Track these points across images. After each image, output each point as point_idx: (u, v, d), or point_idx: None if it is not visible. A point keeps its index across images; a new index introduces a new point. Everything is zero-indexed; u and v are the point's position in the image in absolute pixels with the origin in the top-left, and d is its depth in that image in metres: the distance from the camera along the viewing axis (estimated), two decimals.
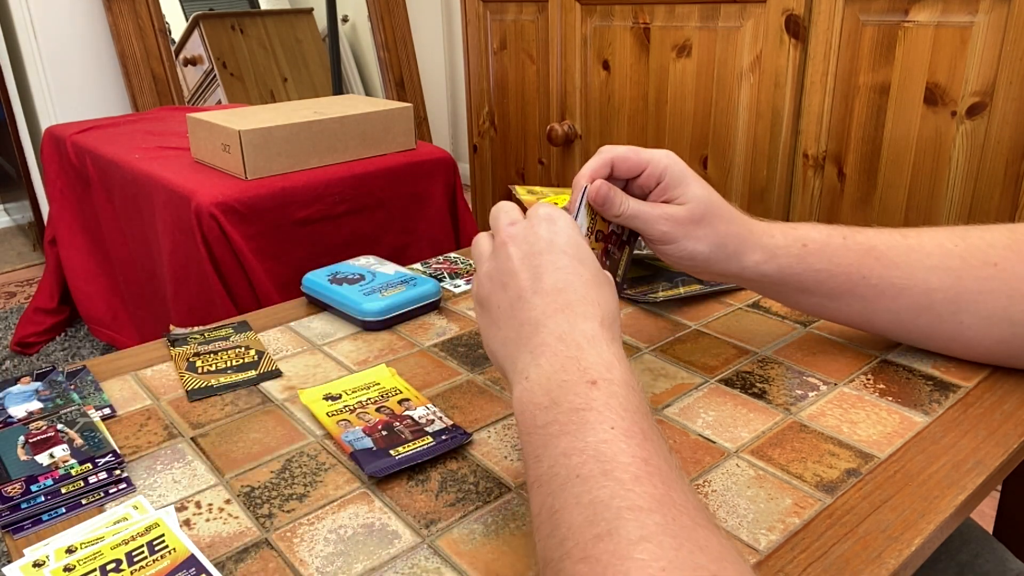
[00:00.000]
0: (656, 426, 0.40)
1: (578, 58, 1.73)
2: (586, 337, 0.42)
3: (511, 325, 0.45)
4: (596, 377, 0.40)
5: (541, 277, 0.45)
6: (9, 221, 3.29)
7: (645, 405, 0.41)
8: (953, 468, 0.49)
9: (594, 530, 0.34)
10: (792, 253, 0.58)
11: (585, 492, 0.36)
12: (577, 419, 0.39)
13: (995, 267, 0.55)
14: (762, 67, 1.42)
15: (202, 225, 1.41)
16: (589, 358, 0.41)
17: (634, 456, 0.37)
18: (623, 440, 0.37)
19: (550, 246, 0.46)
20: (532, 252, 0.46)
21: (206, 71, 2.97)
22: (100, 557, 0.44)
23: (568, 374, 0.41)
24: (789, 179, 1.44)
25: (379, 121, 1.64)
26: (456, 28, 3.38)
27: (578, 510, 0.35)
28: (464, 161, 2.50)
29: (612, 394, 0.39)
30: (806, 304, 0.61)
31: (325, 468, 0.53)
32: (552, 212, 0.47)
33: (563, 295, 0.44)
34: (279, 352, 0.69)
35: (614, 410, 0.39)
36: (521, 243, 0.46)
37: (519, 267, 0.46)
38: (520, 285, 0.45)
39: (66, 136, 1.96)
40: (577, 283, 0.44)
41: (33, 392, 0.62)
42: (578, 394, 0.40)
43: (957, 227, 0.59)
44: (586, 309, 0.43)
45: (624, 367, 0.42)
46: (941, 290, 0.56)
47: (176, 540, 0.45)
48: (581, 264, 0.45)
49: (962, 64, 1.18)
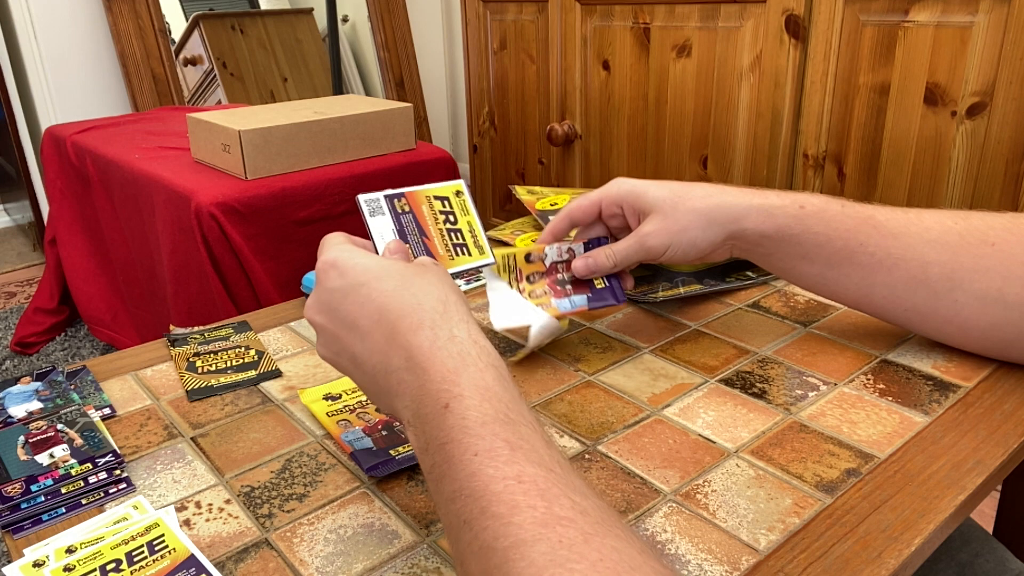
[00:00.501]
0: (524, 417, 0.38)
1: (578, 58, 1.73)
2: (423, 352, 0.40)
3: (370, 381, 0.43)
4: (447, 399, 0.38)
5: (356, 324, 0.43)
6: (9, 221, 3.29)
7: (505, 399, 0.38)
8: (953, 468, 0.49)
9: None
10: (790, 213, 0.59)
11: (474, 539, 0.34)
12: (444, 456, 0.37)
13: (992, 247, 0.55)
14: (762, 67, 1.42)
15: (202, 225, 1.41)
16: (434, 378, 0.39)
17: (505, 479, 0.35)
18: (489, 465, 0.35)
19: (345, 292, 0.44)
20: (333, 310, 0.44)
21: (206, 71, 2.97)
22: (100, 557, 0.44)
23: (424, 405, 0.39)
24: (789, 179, 1.44)
25: (379, 121, 1.64)
26: (456, 28, 3.38)
27: (474, 560, 0.34)
28: (464, 161, 2.50)
29: (464, 414, 0.37)
30: (807, 274, 0.61)
31: (325, 468, 0.53)
32: (327, 259, 0.45)
33: (383, 324, 0.42)
34: (279, 352, 0.69)
35: (471, 432, 0.37)
36: (322, 309, 0.45)
37: (335, 330, 0.44)
38: (347, 345, 0.44)
39: (66, 136, 1.96)
40: (388, 302, 0.42)
41: (33, 392, 0.62)
42: (438, 426, 0.38)
43: (960, 210, 0.59)
44: (410, 321, 0.41)
45: (472, 367, 0.39)
46: (937, 264, 0.56)
47: (176, 540, 0.45)
48: (380, 280, 0.43)
49: (962, 64, 1.18)
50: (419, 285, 0.43)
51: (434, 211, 0.55)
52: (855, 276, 0.59)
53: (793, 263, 0.61)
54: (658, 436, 0.54)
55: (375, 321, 0.42)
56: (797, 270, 0.61)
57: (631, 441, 0.54)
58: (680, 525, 0.46)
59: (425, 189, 0.55)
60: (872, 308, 0.62)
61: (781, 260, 0.61)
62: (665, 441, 0.54)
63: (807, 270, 0.61)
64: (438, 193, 0.56)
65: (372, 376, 0.43)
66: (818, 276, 0.61)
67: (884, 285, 0.59)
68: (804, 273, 0.61)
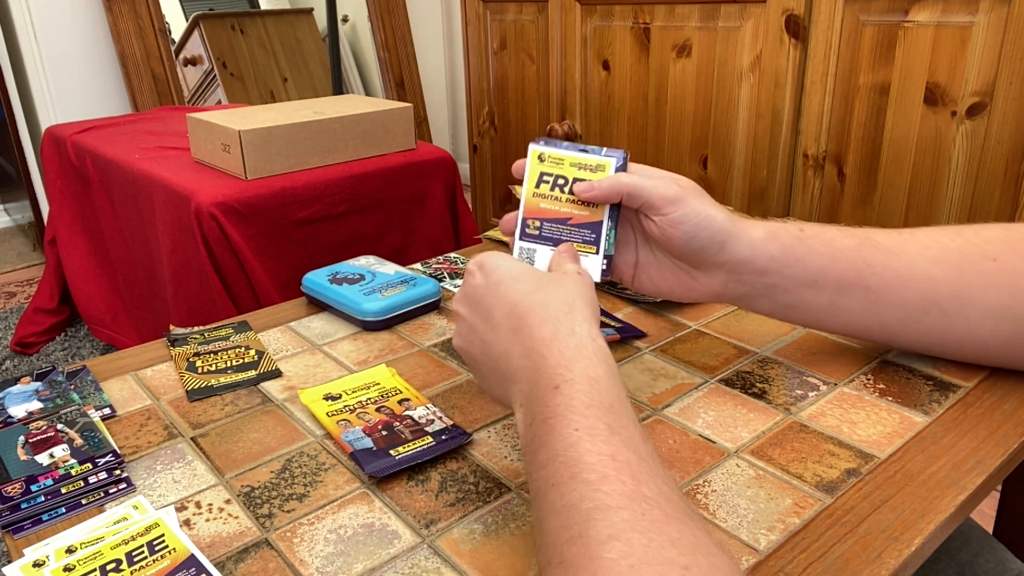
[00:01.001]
0: (627, 412, 0.41)
1: (578, 58, 1.73)
2: (544, 342, 0.44)
3: (492, 368, 0.48)
4: (558, 381, 0.42)
5: (491, 316, 0.48)
6: (9, 221, 3.29)
7: (613, 392, 0.42)
8: (953, 468, 0.49)
9: (567, 534, 0.35)
10: (791, 233, 0.57)
11: (559, 498, 0.37)
12: (546, 429, 0.40)
13: (994, 262, 0.55)
14: (762, 67, 1.42)
15: (202, 225, 1.41)
16: (550, 363, 0.43)
17: (600, 454, 0.38)
18: (588, 440, 0.38)
19: (486, 288, 0.49)
20: (475, 303, 0.50)
21: (206, 71, 2.97)
22: (100, 557, 0.44)
23: (537, 386, 0.43)
24: (789, 179, 1.44)
25: (379, 121, 1.64)
26: (456, 28, 3.38)
27: (554, 517, 0.36)
28: (464, 161, 2.50)
29: (573, 395, 0.41)
30: (815, 305, 0.58)
31: (325, 468, 0.53)
32: (477, 260, 0.51)
33: (512, 317, 0.46)
34: (279, 352, 0.69)
35: (576, 411, 0.40)
36: (465, 302, 0.51)
37: (473, 321, 0.50)
38: (480, 335, 0.49)
39: (66, 136, 1.96)
40: (520, 299, 0.47)
41: (33, 392, 0.62)
42: (545, 403, 0.41)
43: (950, 226, 0.58)
44: (536, 316, 0.45)
45: (586, 360, 0.43)
46: (944, 282, 0.55)
47: (176, 540, 0.45)
48: (516, 281, 0.48)
49: (962, 64, 1.18)
50: (550, 289, 0.47)
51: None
52: (865, 300, 0.57)
53: (801, 293, 0.57)
54: (658, 436, 0.54)
55: (507, 314, 0.47)
56: (805, 301, 0.57)
57: None
58: None
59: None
60: (885, 335, 0.59)
61: (787, 292, 0.57)
62: (665, 441, 0.54)
63: (815, 300, 0.57)
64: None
65: (495, 362, 0.47)
66: (827, 304, 0.57)
67: (896, 307, 0.57)
68: (812, 304, 0.57)
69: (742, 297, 0.58)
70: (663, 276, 0.58)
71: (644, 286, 0.58)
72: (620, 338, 0.68)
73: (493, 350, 0.48)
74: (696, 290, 0.57)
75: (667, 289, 0.58)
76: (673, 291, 0.58)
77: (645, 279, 0.58)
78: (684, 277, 0.57)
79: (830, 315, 0.58)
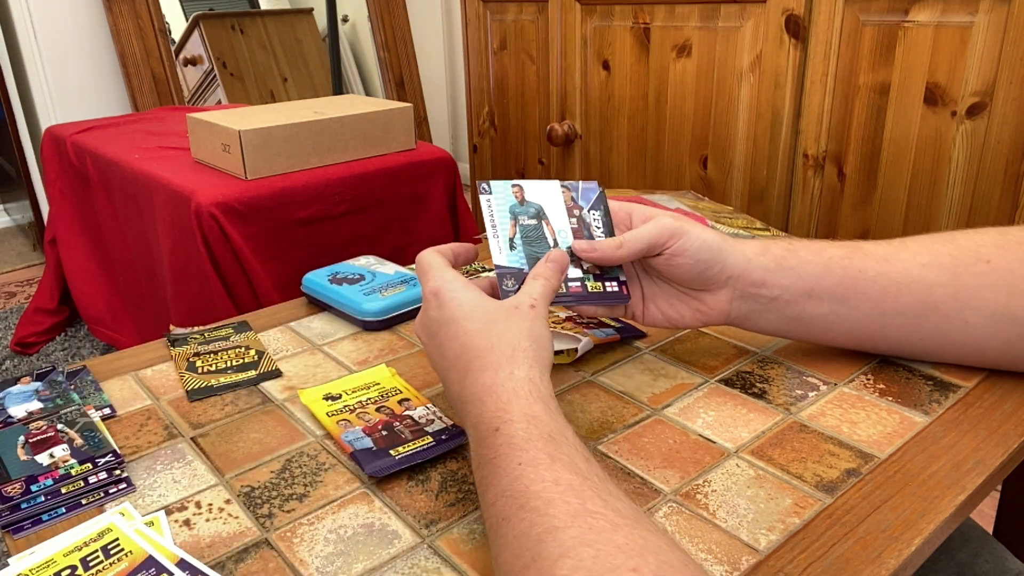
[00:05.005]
0: (567, 440, 0.43)
1: (578, 58, 1.73)
2: (485, 388, 0.46)
3: (452, 402, 0.50)
4: (498, 423, 0.44)
5: (444, 354, 0.50)
6: (9, 221, 3.29)
7: (551, 425, 0.43)
8: (953, 468, 0.49)
9: (520, 562, 0.36)
10: (781, 246, 0.59)
11: (509, 530, 0.38)
12: (491, 469, 0.42)
13: (988, 263, 0.55)
14: (762, 67, 1.42)
15: (202, 225, 1.41)
16: (489, 408, 0.45)
17: (543, 481, 0.39)
18: (531, 471, 0.40)
19: (439, 324, 0.50)
20: (431, 335, 0.51)
21: (206, 71, 2.97)
22: (54, 565, 0.44)
23: (479, 430, 0.45)
24: (789, 179, 1.44)
25: (379, 121, 1.64)
26: (456, 28, 3.38)
27: (508, 550, 0.38)
28: (464, 161, 2.50)
29: (512, 433, 0.43)
30: (817, 315, 0.58)
31: (325, 468, 0.53)
32: (432, 288, 0.51)
33: (461, 359, 0.48)
34: (279, 352, 0.69)
35: (516, 447, 0.42)
36: (423, 331, 0.52)
37: (430, 350, 0.52)
38: (438, 365, 0.51)
39: (66, 136, 1.96)
40: (468, 341, 0.48)
41: (33, 392, 0.62)
42: (488, 445, 0.43)
43: (940, 233, 0.59)
44: (480, 362, 0.47)
45: (523, 400, 0.44)
46: (940, 285, 0.56)
47: (131, 542, 0.45)
48: (467, 320, 0.49)
49: (962, 64, 1.18)
50: (500, 328, 0.48)
51: None
52: (865, 307, 0.57)
53: (803, 304, 0.58)
54: (658, 436, 0.54)
55: (457, 355, 0.48)
56: (808, 312, 0.58)
57: (631, 441, 0.54)
58: (680, 525, 0.46)
59: None
60: (888, 343, 0.60)
61: (789, 305, 0.58)
62: (665, 441, 0.54)
63: (817, 310, 0.58)
64: None
65: (452, 400, 0.50)
66: (830, 314, 0.58)
67: (896, 313, 0.57)
68: (815, 314, 0.58)
69: (748, 315, 0.59)
70: (671, 304, 0.60)
71: (655, 318, 0.60)
72: (620, 338, 0.68)
73: (450, 388, 0.50)
74: (704, 312, 0.59)
75: (677, 316, 0.60)
76: (683, 317, 0.60)
77: (655, 310, 0.60)
78: (691, 301, 0.59)
79: (833, 325, 0.59)
